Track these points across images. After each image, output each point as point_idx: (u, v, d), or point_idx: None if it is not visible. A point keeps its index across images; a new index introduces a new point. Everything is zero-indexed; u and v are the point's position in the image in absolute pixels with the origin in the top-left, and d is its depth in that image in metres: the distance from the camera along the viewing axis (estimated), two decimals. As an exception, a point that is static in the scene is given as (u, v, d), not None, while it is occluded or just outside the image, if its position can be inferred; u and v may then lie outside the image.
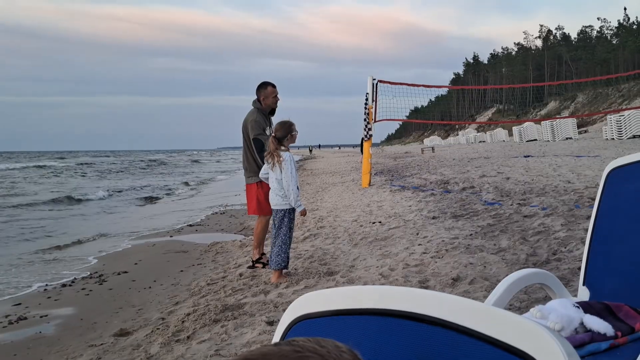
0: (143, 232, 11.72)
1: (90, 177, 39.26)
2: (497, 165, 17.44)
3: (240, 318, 4.71)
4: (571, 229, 6.20)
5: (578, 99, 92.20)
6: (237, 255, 7.85)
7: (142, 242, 10.37)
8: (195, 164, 68.52)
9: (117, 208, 18.03)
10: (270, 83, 6.59)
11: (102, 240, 11.07)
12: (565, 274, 4.52)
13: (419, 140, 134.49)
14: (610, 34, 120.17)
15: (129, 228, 12.63)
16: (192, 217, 13.86)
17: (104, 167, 55.25)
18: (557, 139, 42.82)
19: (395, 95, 17.06)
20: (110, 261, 8.72)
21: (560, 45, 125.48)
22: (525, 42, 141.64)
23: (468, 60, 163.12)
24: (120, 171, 48.24)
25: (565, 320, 2.33)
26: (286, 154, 5.77)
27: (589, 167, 13.50)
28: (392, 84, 16.85)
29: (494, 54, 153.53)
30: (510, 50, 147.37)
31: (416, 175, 16.59)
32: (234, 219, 12.82)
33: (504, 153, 27.32)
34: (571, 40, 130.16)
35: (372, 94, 15.45)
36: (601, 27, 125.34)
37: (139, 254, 9.12)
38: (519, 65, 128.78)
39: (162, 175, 42.21)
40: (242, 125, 6.58)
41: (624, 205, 2.87)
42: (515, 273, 2.66)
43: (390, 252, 6.40)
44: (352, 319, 1.18)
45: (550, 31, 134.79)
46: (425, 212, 9.03)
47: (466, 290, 4.52)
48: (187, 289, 6.35)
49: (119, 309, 5.93)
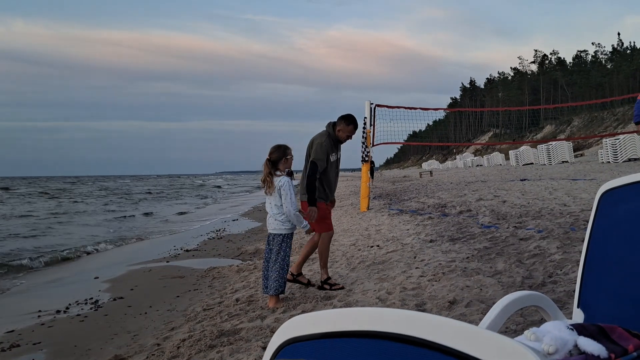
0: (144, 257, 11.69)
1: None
2: (494, 188, 17.47)
3: (236, 344, 4.67)
4: (567, 252, 6.20)
5: (574, 123, 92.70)
6: (234, 281, 7.82)
7: (139, 268, 10.33)
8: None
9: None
10: (355, 122, 6.48)
11: (100, 266, 11.03)
12: (561, 297, 4.51)
13: (417, 164, 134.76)
14: (604, 58, 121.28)
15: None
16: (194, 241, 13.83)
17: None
18: (553, 162, 42.94)
19: (392, 119, 17.19)
20: (107, 286, 8.68)
21: (555, 70, 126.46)
22: (521, 67, 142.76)
23: (465, 85, 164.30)
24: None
25: (560, 342, 2.32)
26: (284, 178, 5.77)
27: (584, 190, 13.52)
28: (390, 107, 16.96)
29: (490, 79, 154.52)
30: (506, 74, 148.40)
31: (414, 199, 16.61)
32: (232, 244, 12.80)
33: (501, 177, 27.37)
34: (566, 64, 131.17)
35: (370, 118, 15.54)
36: (596, 51, 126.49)
37: (135, 280, 9.09)
38: (515, 89, 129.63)
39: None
40: (308, 144, 6.43)
41: (617, 227, 2.88)
42: (510, 295, 2.65)
43: (388, 276, 6.38)
44: (341, 341, 1.18)
45: (546, 56, 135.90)
46: (423, 235, 9.03)
47: (462, 313, 4.50)
48: (183, 315, 6.31)
49: (114, 335, 5.90)
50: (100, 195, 50.33)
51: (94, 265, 11.22)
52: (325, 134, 6.38)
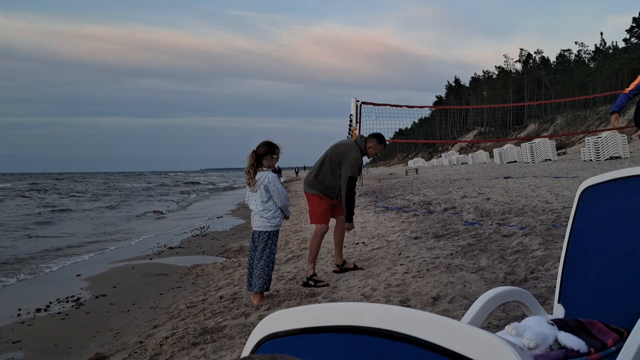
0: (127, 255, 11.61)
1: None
2: (478, 186, 17.56)
3: (219, 341, 4.66)
4: (549, 248, 6.24)
5: (557, 121, 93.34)
6: (218, 278, 7.80)
7: (121, 265, 10.26)
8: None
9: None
10: (385, 143, 6.87)
11: (81, 263, 10.94)
12: (543, 292, 4.54)
13: (403, 162, 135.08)
14: (587, 57, 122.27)
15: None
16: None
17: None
18: (537, 160, 43.21)
19: (378, 116, 17.23)
20: (88, 284, 8.61)
21: (539, 69, 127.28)
22: (506, 66, 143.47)
23: (450, 83, 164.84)
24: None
25: (540, 337, 2.34)
26: (269, 174, 5.76)
27: (567, 188, 13.63)
28: (376, 105, 17.00)
29: (475, 77, 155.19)
30: (491, 73, 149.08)
31: (400, 196, 16.65)
32: (216, 241, 12.76)
33: (485, 174, 27.51)
34: (550, 63, 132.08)
35: (355, 116, 15.56)
36: (579, 51, 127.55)
37: (118, 277, 9.03)
38: (499, 88, 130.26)
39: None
40: (334, 149, 6.66)
41: (597, 223, 2.91)
42: (492, 291, 2.67)
43: (373, 273, 6.39)
44: (320, 336, 1.17)
45: (530, 55, 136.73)
46: (408, 232, 9.05)
47: (446, 308, 4.52)
48: (166, 312, 6.28)
49: (96, 333, 5.85)
50: (83, 192, 49.91)
51: (75, 263, 11.12)
52: (356, 147, 6.61)
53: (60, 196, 43.73)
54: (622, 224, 2.78)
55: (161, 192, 50.93)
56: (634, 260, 2.66)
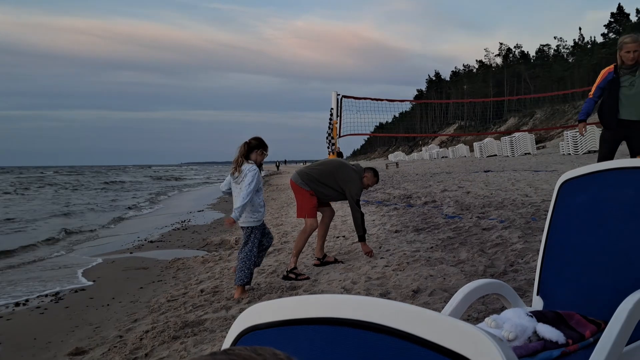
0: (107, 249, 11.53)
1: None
2: (458, 180, 17.67)
3: (200, 334, 4.65)
4: (528, 241, 6.30)
5: (536, 116, 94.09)
6: (199, 272, 7.76)
7: (101, 259, 10.18)
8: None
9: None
10: (378, 177, 7.22)
11: (60, 257, 10.84)
12: (522, 285, 4.59)
13: (384, 155, 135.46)
14: (566, 52, 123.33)
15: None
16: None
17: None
18: (516, 154, 43.62)
19: (359, 110, 17.18)
20: (68, 278, 8.54)
21: (519, 63, 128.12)
22: (486, 60, 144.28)
23: (431, 77, 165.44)
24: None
25: (519, 329, 2.36)
26: (254, 168, 5.76)
27: (546, 182, 13.76)
28: (357, 98, 16.97)
29: (456, 71, 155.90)
30: (471, 67, 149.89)
31: (380, 190, 16.68)
32: (197, 235, 12.70)
33: (465, 168, 27.69)
34: (529, 58, 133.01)
35: (336, 109, 15.53)
36: (558, 46, 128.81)
37: (98, 271, 8.96)
38: (479, 82, 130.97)
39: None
40: (342, 170, 6.83)
41: (575, 216, 2.94)
42: (472, 283, 2.69)
43: (353, 266, 6.41)
44: (300, 328, 1.17)
45: (510, 49, 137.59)
46: (388, 226, 9.08)
47: (426, 301, 4.55)
48: (146, 306, 6.25)
49: (75, 327, 5.80)
50: (65, 186, 49.39)
51: (55, 256, 11.02)
52: (357, 177, 6.85)
53: (53, 187, 43.30)
54: (600, 216, 2.81)
55: (150, 186, 50.44)
56: (611, 252, 2.70)
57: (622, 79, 6.15)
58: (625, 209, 2.74)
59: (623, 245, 2.67)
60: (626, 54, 6.03)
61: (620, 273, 2.63)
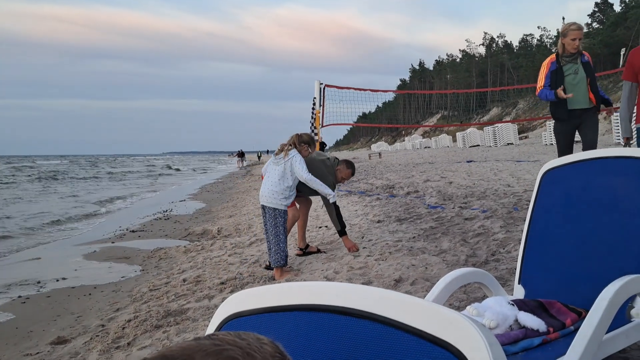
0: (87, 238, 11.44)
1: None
2: (441, 170, 17.75)
3: (182, 323, 4.64)
4: (510, 231, 6.35)
5: (519, 106, 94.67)
6: (181, 261, 7.74)
7: (83, 248, 10.11)
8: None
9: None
10: (354, 170, 6.95)
11: (41, 246, 10.75)
12: (504, 274, 4.63)
13: (367, 146, 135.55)
14: (549, 42, 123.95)
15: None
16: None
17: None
18: (499, 144, 43.86)
19: (342, 99, 17.20)
20: (49, 267, 8.47)
21: (502, 53, 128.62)
22: (469, 50, 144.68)
23: (414, 67, 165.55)
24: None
25: (501, 317, 2.39)
26: (298, 154, 6.04)
27: (528, 172, 13.87)
28: (340, 88, 16.97)
29: (439, 61, 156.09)
30: (454, 57, 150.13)
31: (363, 180, 16.71)
32: (179, 225, 12.64)
33: (448, 158, 27.82)
34: (513, 48, 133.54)
35: (319, 99, 15.50)
36: (541, 35, 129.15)
37: (79, 261, 8.90)
38: (463, 72, 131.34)
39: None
40: (316, 162, 6.60)
41: (557, 205, 2.96)
42: (453, 272, 2.71)
43: (336, 256, 6.42)
44: (283, 315, 1.17)
45: (493, 39, 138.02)
46: (371, 216, 9.10)
47: (408, 290, 4.57)
48: (128, 296, 6.22)
49: (57, 316, 5.77)
50: (46, 176, 48.90)
51: (36, 246, 10.92)
52: (328, 171, 6.65)
53: (36, 175, 42.84)
54: (581, 205, 2.84)
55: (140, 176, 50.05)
56: (592, 241, 2.73)
57: (565, 67, 6.11)
58: (606, 198, 2.77)
59: (604, 235, 2.70)
60: (571, 41, 5.99)
61: (601, 262, 2.66)
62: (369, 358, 1.03)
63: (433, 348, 0.95)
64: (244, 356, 0.74)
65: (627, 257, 2.61)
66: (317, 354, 1.10)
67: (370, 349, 1.02)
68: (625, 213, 2.69)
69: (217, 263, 7.04)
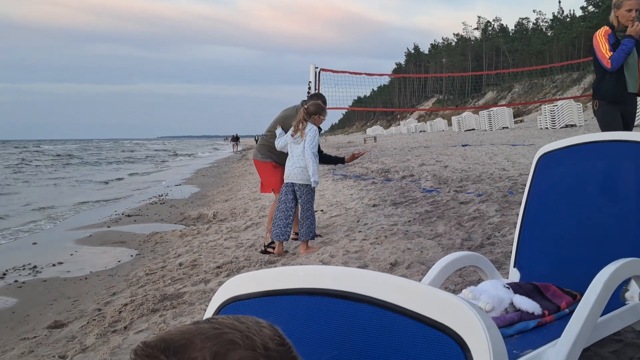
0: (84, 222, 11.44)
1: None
2: (436, 154, 17.77)
3: (179, 307, 4.65)
4: (505, 214, 6.37)
5: (515, 89, 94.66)
6: (177, 245, 7.75)
7: (79, 233, 10.11)
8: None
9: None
10: (324, 102, 6.68)
11: (37, 231, 10.75)
12: (499, 258, 4.65)
13: (362, 130, 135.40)
14: (545, 26, 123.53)
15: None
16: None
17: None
18: (494, 128, 43.85)
19: (337, 83, 17.12)
20: (45, 252, 8.47)
21: (498, 37, 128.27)
22: (465, 33, 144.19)
23: (409, 50, 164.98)
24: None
25: (496, 300, 2.40)
26: (314, 127, 5.99)
27: (523, 155, 13.90)
28: (335, 72, 16.90)
29: (435, 45, 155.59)
30: (450, 40, 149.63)
31: (358, 164, 16.71)
32: (174, 209, 12.64)
33: (443, 142, 27.84)
34: (508, 31, 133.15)
35: (314, 83, 15.45)
36: (537, 19, 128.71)
37: (75, 245, 8.90)
38: (458, 55, 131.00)
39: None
40: (283, 119, 6.52)
41: (552, 189, 2.97)
42: (449, 256, 2.72)
43: (331, 240, 6.44)
44: (282, 299, 1.18)
45: (489, 22, 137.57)
46: (366, 200, 9.12)
47: (403, 274, 4.59)
48: (124, 280, 6.23)
49: (54, 300, 5.78)
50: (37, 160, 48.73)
51: (31, 230, 10.92)
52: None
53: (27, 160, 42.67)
54: (576, 189, 2.85)
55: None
56: (587, 225, 2.74)
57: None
58: (601, 182, 2.78)
59: (599, 218, 2.71)
60: (627, 12, 5.10)
61: (595, 245, 2.68)
62: (367, 341, 1.04)
63: (431, 331, 0.95)
64: (243, 339, 0.75)
65: (621, 241, 2.62)
66: (315, 337, 1.10)
67: (367, 332, 1.03)
68: (620, 197, 2.71)
69: (213, 247, 7.05)
